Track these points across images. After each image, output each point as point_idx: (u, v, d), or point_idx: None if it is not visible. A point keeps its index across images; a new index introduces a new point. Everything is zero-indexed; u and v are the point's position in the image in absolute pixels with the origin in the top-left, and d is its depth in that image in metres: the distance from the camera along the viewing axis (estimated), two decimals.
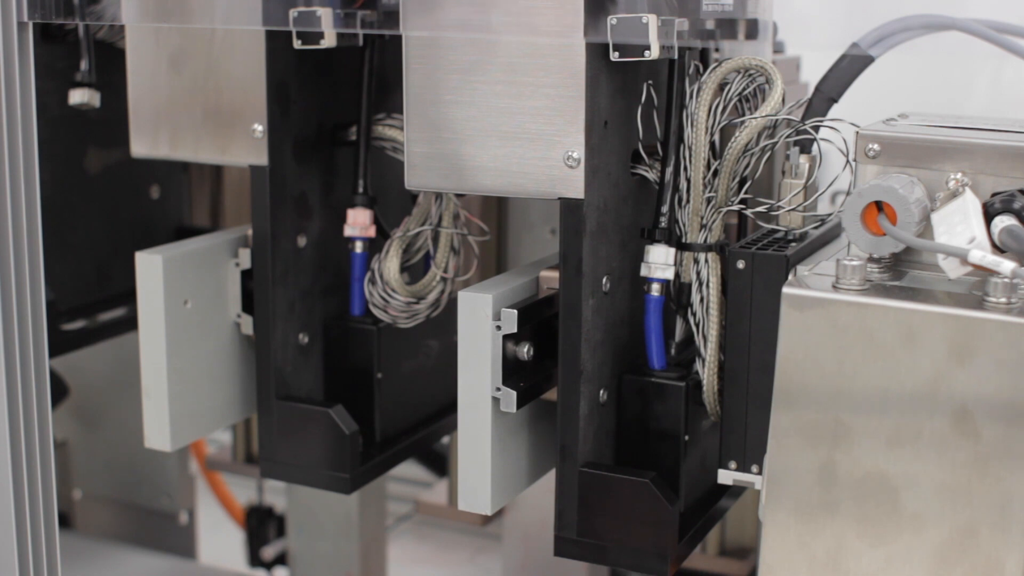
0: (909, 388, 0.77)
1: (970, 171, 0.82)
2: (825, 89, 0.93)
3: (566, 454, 0.93)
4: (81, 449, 1.89)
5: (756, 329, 0.89)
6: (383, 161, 1.09)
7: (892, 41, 0.91)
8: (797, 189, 0.91)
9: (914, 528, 0.78)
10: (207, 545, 2.00)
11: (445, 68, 0.91)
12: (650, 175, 0.95)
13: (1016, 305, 0.76)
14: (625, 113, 0.93)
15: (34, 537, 0.88)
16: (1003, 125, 0.87)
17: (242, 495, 2.20)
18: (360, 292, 1.10)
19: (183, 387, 1.08)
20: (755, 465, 0.91)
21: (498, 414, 0.94)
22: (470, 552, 2.41)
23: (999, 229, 0.78)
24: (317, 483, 1.09)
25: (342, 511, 1.87)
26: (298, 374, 1.10)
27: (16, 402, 0.86)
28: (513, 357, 0.94)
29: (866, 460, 0.79)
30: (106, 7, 0.99)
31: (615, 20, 0.86)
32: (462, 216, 1.08)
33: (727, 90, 0.93)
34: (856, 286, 0.79)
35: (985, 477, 0.76)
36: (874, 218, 0.82)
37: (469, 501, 0.96)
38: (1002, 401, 0.75)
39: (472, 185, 0.93)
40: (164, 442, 1.08)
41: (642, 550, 0.93)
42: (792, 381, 0.80)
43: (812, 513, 0.80)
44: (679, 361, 0.98)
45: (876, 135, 0.85)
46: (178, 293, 1.06)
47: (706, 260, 0.94)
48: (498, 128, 0.90)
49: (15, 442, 0.86)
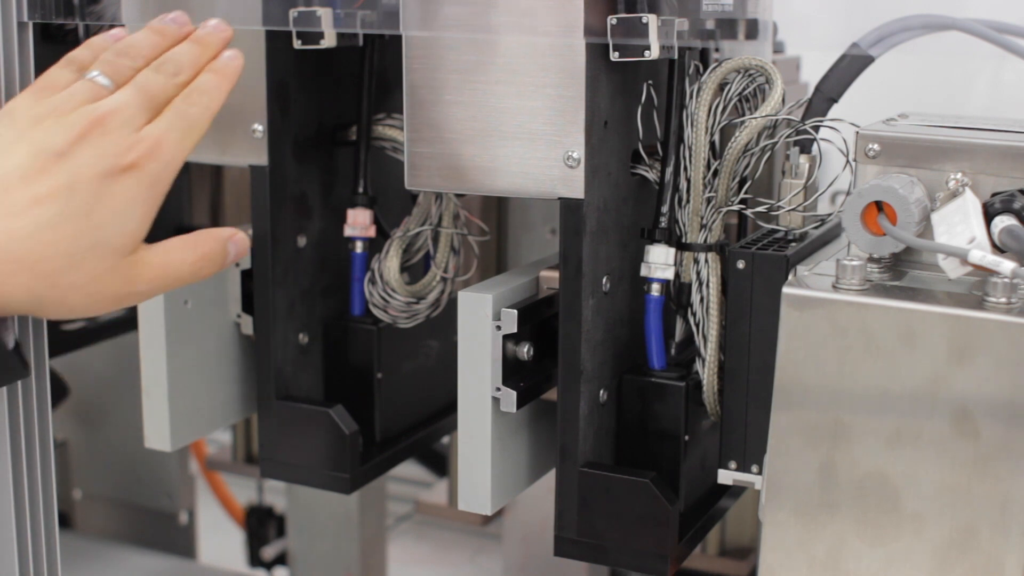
0: (909, 388, 0.77)
1: (970, 171, 0.82)
2: (825, 89, 0.93)
3: (566, 454, 0.93)
4: (81, 449, 1.90)
5: (756, 329, 0.89)
6: (383, 161, 1.09)
7: (892, 41, 0.91)
8: (797, 189, 0.91)
9: (914, 528, 0.78)
10: (207, 545, 2.00)
11: (445, 68, 0.91)
12: (650, 175, 0.95)
13: (1016, 305, 0.76)
14: (625, 113, 0.93)
15: (34, 537, 0.88)
16: (1003, 125, 0.87)
17: (242, 495, 2.21)
18: (360, 292, 1.10)
19: (183, 387, 1.08)
20: (755, 465, 0.91)
21: (498, 414, 0.94)
22: (470, 552, 2.41)
23: (999, 229, 0.78)
24: (317, 483, 1.09)
25: (342, 511, 1.87)
26: (298, 374, 1.10)
27: (16, 402, 0.86)
28: (513, 357, 0.94)
29: (866, 460, 0.79)
30: (106, 7, 0.99)
31: (615, 20, 0.86)
32: (462, 216, 1.08)
33: (727, 90, 0.93)
34: (856, 286, 0.79)
35: (985, 477, 0.76)
36: (874, 218, 0.82)
37: (469, 501, 0.96)
38: (1002, 401, 0.75)
39: (472, 185, 0.93)
40: (164, 442, 1.08)
41: (642, 550, 0.93)
42: (792, 381, 0.80)
43: (812, 513, 0.80)
44: (679, 361, 0.98)
45: (876, 135, 0.85)
46: (178, 293, 1.06)
47: (706, 260, 0.94)
48: (498, 128, 0.90)
49: (15, 442, 0.86)
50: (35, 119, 0.73)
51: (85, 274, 0.71)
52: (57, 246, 0.70)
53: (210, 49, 0.79)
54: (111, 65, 0.77)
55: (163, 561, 1.86)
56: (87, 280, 0.71)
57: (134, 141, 0.72)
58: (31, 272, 0.70)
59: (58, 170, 0.70)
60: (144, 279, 0.73)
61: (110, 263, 0.72)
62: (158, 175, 0.73)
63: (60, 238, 0.70)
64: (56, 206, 0.70)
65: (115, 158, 0.71)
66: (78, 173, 0.70)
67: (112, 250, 0.72)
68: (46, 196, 0.70)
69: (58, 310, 0.72)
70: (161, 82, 0.76)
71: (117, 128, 0.72)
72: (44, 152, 0.71)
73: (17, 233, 0.69)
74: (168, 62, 0.77)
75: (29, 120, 0.73)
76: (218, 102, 0.78)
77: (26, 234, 0.69)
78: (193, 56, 0.78)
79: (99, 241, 0.71)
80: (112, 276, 0.72)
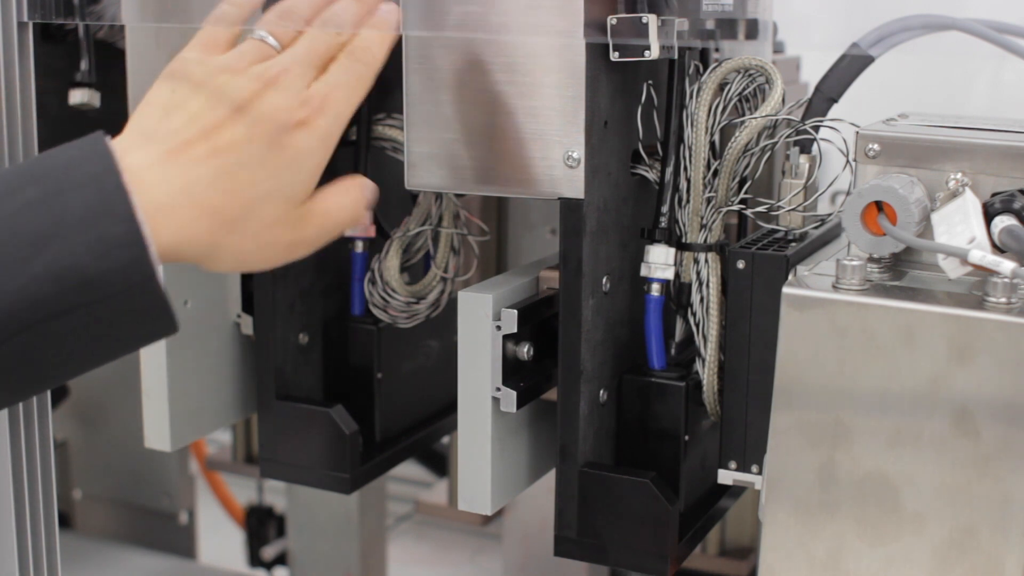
0: (909, 388, 0.77)
1: (970, 171, 0.82)
2: (825, 89, 0.93)
3: (566, 454, 0.93)
4: (81, 449, 1.90)
5: (756, 329, 0.89)
6: (383, 161, 1.09)
7: (892, 41, 0.91)
8: (797, 189, 0.91)
9: (914, 528, 0.78)
10: (207, 545, 2.00)
11: (445, 68, 0.91)
12: (650, 175, 0.95)
13: (1016, 305, 0.76)
14: (625, 113, 0.93)
15: (34, 537, 0.88)
16: (1003, 125, 0.87)
17: (242, 495, 2.20)
18: (360, 292, 1.09)
19: (183, 387, 1.08)
20: (755, 465, 0.91)
21: (498, 414, 0.94)
22: (470, 552, 2.41)
23: (999, 229, 0.78)
24: (317, 483, 1.09)
25: (342, 511, 1.87)
26: (298, 374, 1.10)
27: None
28: (513, 357, 0.94)
29: (866, 460, 0.79)
30: (106, 7, 0.99)
31: (615, 20, 0.86)
32: (462, 216, 1.08)
33: (727, 90, 0.93)
34: (856, 286, 0.79)
35: (985, 477, 0.76)
36: (874, 218, 0.82)
37: (469, 501, 0.96)
38: (1002, 401, 0.75)
39: (472, 185, 0.93)
40: (164, 442, 1.08)
41: (642, 550, 0.93)
42: (792, 381, 0.80)
43: (812, 513, 0.81)
44: (679, 361, 0.98)
45: (876, 135, 0.85)
46: (178, 293, 1.06)
47: (706, 260, 0.94)
48: (498, 128, 0.90)
49: (15, 442, 0.86)
50: (208, 75, 0.77)
51: (260, 221, 0.75)
52: (235, 194, 0.74)
53: (367, 4, 0.83)
54: (277, 26, 0.81)
55: (163, 561, 1.86)
56: (261, 227, 0.75)
57: (305, 98, 0.76)
58: (212, 218, 0.74)
59: (235, 124, 0.75)
60: (312, 226, 0.78)
61: (282, 211, 0.76)
62: (328, 130, 0.77)
63: (238, 186, 0.74)
64: (234, 156, 0.74)
65: (288, 113, 0.76)
66: (254, 127, 0.75)
67: (285, 199, 0.76)
68: (225, 147, 0.74)
69: (233, 259, 0.76)
70: (326, 41, 0.80)
71: (288, 86, 0.76)
72: (222, 106, 0.75)
73: (200, 181, 0.73)
74: (330, 21, 0.81)
75: (203, 75, 0.77)
76: (382, 55, 0.82)
77: (208, 182, 0.73)
78: (353, 13, 0.82)
79: (273, 190, 0.75)
80: (284, 225, 0.76)
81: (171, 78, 0.78)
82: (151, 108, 0.77)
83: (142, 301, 0.70)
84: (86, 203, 0.69)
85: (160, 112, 0.76)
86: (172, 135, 0.74)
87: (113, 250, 0.69)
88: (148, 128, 0.75)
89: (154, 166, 0.73)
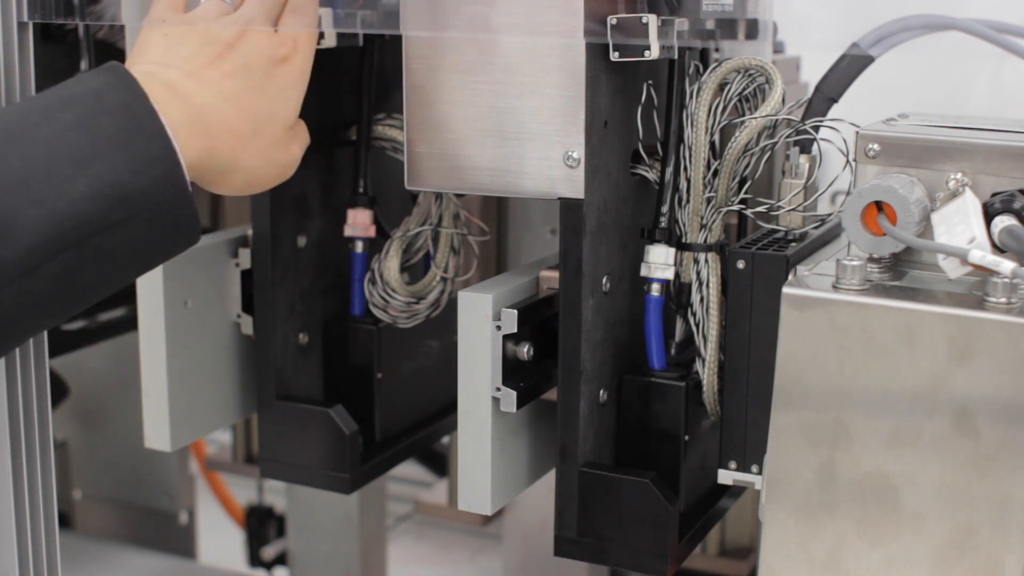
0: (909, 388, 0.77)
1: (970, 171, 0.82)
2: (825, 89, 0.93)
3: (566, 454, 0.93)
4: (81, 449, 1.90)
5: (756, 329, 0.89)
6: (383, 161, 1.09)
7: (892, 41, 0.91)
8: (797, 189, 0.91)
9: (914, 528, 0.78)
10: (207, 545, 2.00)
11: (445, 68, 0.91)
12: (650, 175, 0.95)
13: (1016, 305, 0.76)
14: (625, 113, 0.93)
15: (34, 537, 0.88)
16: (1003, 125, 0.87)
17: (242, 495, 2.21)
18: (360, 292, 1.10)
19: (183, 387, 1.08)
20: (755, 465, 0.91)
21: (498, 414, 0.94)
22: (470, 552, 2.41)
23: (999, 229, 0.78)
24: (317, 483, 1.09)
25: (342, 511, 1.87)
26: (298, 374, 1.10)
27: (16, 402, 0.86)
28: (513, 357, 0.94)
29: (866, 460, 0.79)
30: (106, 7, 0.99)
31: (615, 20, 0.86)
32: (462, 216, 1.08)
33: (727, 90, 0.93)
34: (856, 286, 0.79)
35: (985, 477, 0.76)
36: (874, 218, 0.82)
37: (469, 501, 0.96)
38: (1002, 401, 0.75)
39: (472, 185, 0.93)
40: (164, 442, 1.08)
41: (642, 550, 0.93)
42: (792, 381, 0.80)
43: (812, 513, 0.80)
44: (679, 361, 0.98)
45: (876, 135, 0.85)
46: (178, 293, 1.06)
47: (706, 260, 0.94)
48: (498, 128, 0.90)
49: (15, 442, 0.86)
50: (188, 21, 0.86)
51: (265, 139, 0.85)
52: (246, 113, 0.83)
53: None
54: None
55: (163, 561, 1.86)
56: (266, 145, 0.85)
57: (280, 38, 0.86)
58: (231, 133, 0.82)
59: (232, 55, 0.84)
60: (299, 146, 0.89)
61: (280, 132, 0.86)
62: (303, 66, 0.87)
63: (247, 107, 0.84)
64: (240, 81, 0.83)
65: (272, 50, 0.86)
66: (248, 57, 0.84)
67: (282, 121, 0.86)
68: (231, 72, 0.83)
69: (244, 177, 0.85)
70: None
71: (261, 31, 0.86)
72: (216, 42, 0.84)
73: (217, 101, 0.82)
74: None
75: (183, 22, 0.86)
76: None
77: (223, 102, 0.82)
78: None
79: (272, 113, 0.85)
80: (281, 144, 0.87)
81: (157, 26, 0.85)
82: (152, 44, 0.84)
83: (175, 214, 0.77)
84: (120, 125, 0.75)
85: (163, 47, 0.84)
86: (184, 62, 0.82)
87: (149, 166, 0.75)
88: (157, 58, 0.83)
89: (175, 87, 0.80)
